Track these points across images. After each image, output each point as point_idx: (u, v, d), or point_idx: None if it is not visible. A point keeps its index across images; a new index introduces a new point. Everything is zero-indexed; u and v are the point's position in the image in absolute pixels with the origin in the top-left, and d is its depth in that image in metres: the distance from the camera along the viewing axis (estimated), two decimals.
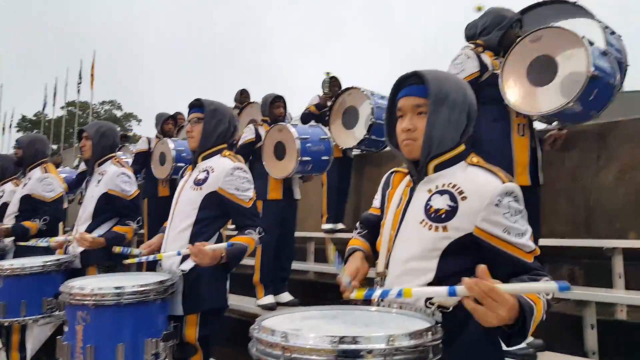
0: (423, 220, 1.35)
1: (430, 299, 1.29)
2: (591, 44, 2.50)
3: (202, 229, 2.20)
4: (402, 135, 1.40)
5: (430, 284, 1.30)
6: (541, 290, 1.14)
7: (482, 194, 1.28)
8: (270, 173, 3.85)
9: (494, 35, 2.83)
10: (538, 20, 2.96)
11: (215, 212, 2.23)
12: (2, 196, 4.04)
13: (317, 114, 5.02)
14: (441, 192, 1.35)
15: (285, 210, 3.98)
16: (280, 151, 3.82)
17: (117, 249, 2.34)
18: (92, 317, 1.84)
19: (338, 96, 4.85)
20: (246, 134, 4.12)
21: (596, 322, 2.88)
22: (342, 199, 5.00)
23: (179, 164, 4.77)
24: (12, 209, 3.57)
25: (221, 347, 3.07)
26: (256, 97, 6.07)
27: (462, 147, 1.41)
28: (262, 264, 3.92)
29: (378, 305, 1.42)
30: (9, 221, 3.55)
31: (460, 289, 1.08)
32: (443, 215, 1.32)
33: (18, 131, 35.13)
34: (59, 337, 1.94)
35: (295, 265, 4.34)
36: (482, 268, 1.08)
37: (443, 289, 1.12)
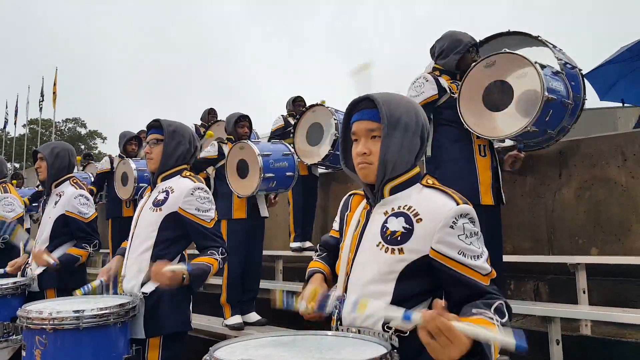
0: (380, 242, 1.35)
1: (388, 323, 1.28)
2: (542, 67, 2.61)
3: (162, 251, 2.16)
4: (357, 158, 1.40)
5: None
6: (498, 342, 1.06)
7: (437, 216, 1.28)
8: (234, 191, 3.83)
9: (450, 59, 2.93)
10: (502, 48, 3.08)
11: (176, 233, 2.20)
12: None
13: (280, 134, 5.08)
14: (397, 215, 1.35)
15: (250, 229, 3.95)
16: (243, 169, 3.81)
17: (78, 292, 2.24)
18: (50, 342, 1.81)
19: (303, 113, 4.92)
20: (209, 149, 4.06)
21: (561, 338, 2.91)
22: (309, 217, 5.01)
23: (141, 184, 4.72)
24: None
25: None
26: (223, 115, 6.10)
27: (416, 170, 1.42)
28: (228, 284, 3.88)
29: (336, 329, 1.41)
30: None
31: (415, 316, 1.08)
32: (399, 238, 1.32)
33: None
34: None
35: (264, 284, 4.32)
36: (439, 303, 1.07)
37: (398, 312, 1.12)
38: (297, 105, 5.31)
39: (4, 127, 29.21)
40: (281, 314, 4.28)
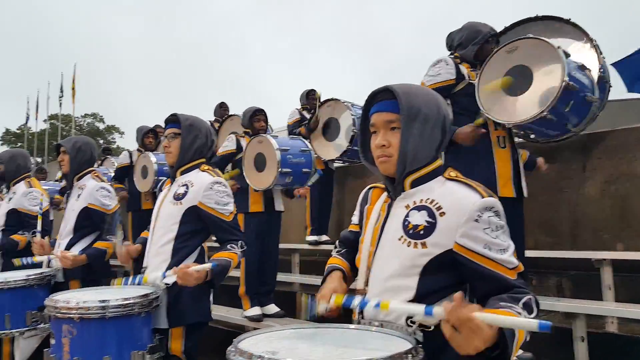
0: (402, 236, 1.34)
1: (411, 317, 1.28)
2: (567, 55, 2.54)
3: (183, 244, 2.22)
4: (376, 151, 1.39)
5: (410, 302, 1.28)
6: (521, 326, 1.07)
7: (461, 209, 1.26)
8: (251, 184, 3.86)
9: (469, 50, 2.89)
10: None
11: (196, 226, 2.24)
12: None
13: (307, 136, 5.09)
14: (419, 208, 1.33)
15: (267, 222, 3.98)
16: (260, 163, 3.83)
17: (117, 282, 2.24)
18: (77, 330, 1.86)
19: (319, 108, 4.93)
20: (227, 144, 4.11)
21: (586, 335, 2.87)
22: (325, 211, 5.04)
23: (161, 177, 4.79)
24: None
25: (208, 359, 3.09)
26: (235, 108, 6.15)
27: (438, 162, 1.40)
28: (246, 277, 3.93)
29: (358, 322, 1.40)
30: None
31: (437, 310, 1.06)
32: (421, 232, 1.30)
33: (2, 144, 34.64)
34: (45, 349, 1.95)
35: (281, 277, 4.37)
36: (457, 296, 1.05)
37: (420, 308, 1.10)
38: (311, 99, 5.32)
39: (26, 122, 29.86)
40: (299, 306, 4.34)
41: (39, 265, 3.04)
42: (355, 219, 1.64)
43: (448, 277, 1.31)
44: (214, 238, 2.36)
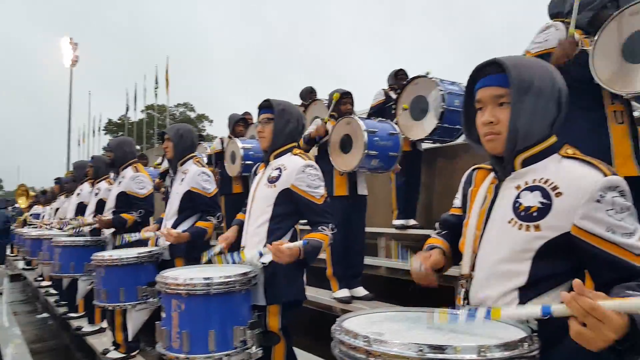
0: (512, 219, 1.26)
1: (524, 304, 1.21)
2: None
3: (277, 225, 2.29)
4: (483, 128, 1.32)
5: (522, 288, 1.23)
6: None
7: (581, 189, 1.16)
8: (336, 167, 3.86)
9: (582, 16, 2.56)
10: None
11: (289, 208, 2.30)
12: (98, 194, 4.47)
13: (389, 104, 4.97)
14: (531, 189, 1.25)
15: (351, 206, 3.97)
16: (346, 144, 3.81)
17: (203, 259, 2.48)
18: (185, 305, 1.99)
19: (404, 87, 4.79)
20: (312, 127, 4.12)
21: None
22: (412, 195, 4.92)
23: (247, 162, 5.00)
24: (110, 204, 3.97)
25: (298, 337, 3.19)
26: (321, 93, 6.17)
27: (553, 139, 1.30)
28: (333, 259, 3.98)
29: (464, 307, 1.34)
30: (107, 216, 3.92)
31: (556, 308, 0.98)
32: (535, 214, 1.22)
33: (105, 134, 37.96)
34: (157, 322, 2.11)
35: (366, 260, 4.37)
36: (578, 283, 0.96)
37: (536, 310, 1.02)
38: (399, 79, 5.18)
39: (126, 113, 32.37)
40: (386, 290, 4.32)
41: (145, 242, 3.32)
42: (457, 201, 1.58)
43: (564, 262, 1.22)
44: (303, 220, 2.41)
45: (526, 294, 1.23)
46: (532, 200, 1.24)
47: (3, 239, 8.69)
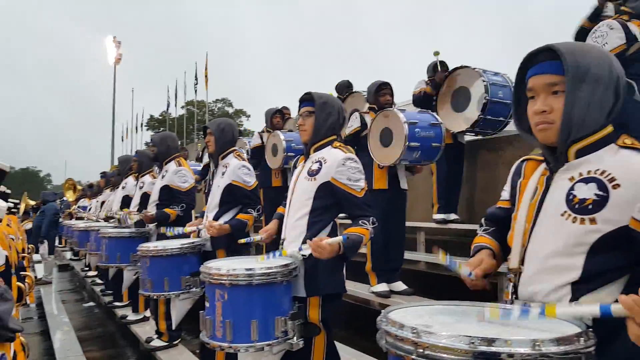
0: (565, 212, 1.22)
1: (577, 299, 1.17)
2: None
3: (317, 218, 2.28)
4: (535, 118, 1.27)
5: (575, 283, 1.18)
6: None
7: None
8: (376, 160, 3.81)
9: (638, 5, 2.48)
10: None
11: (329, 201, 2.29)
12: (142, 187, 4.60)
13: (433, 95, 4.86)
14: (586, 180, 1.21)
15: (391, 199, 3.92)
16: (386, 138, 3.75)
17: (242, 240, 2.55)
18: (228, 295, 2.02)
19: (445, 78, 4.67)
20: (352, 123, 4.09)
21: None
22: (454, 189, 4.81)
23: (289, 154, 5.02)
24: (153, 198, 4.08)
25: (337, 330, 3.19)
26: (358, 85, 6.11)
27: (609, 128, 1.25)
28: (372, 253, 3.95)
29: (512, 302, 1.31)
30: (151, 209, 4.07)
31: (616, 309, 0.95)
32: (590, 206, 1.17)
33: (147, 129, 39.16)
34: (201, 311, 2.15)
35: (406, 255, 4.32)
36: None
37: (594, 309, 0.99)
38: (441, 71, 5.06)
39: (167, 109, 33.28)
40: (426, 285, 4.26)
41: (187, 235, 3.39)
42: (505, 194, 1.53)
43: (620, 257, 1.16)
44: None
45: (579, 289, 1.18)
46: (587, 192, 1.19)
47: (52, 231, 9.09)
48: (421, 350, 1.02)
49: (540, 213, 1.30)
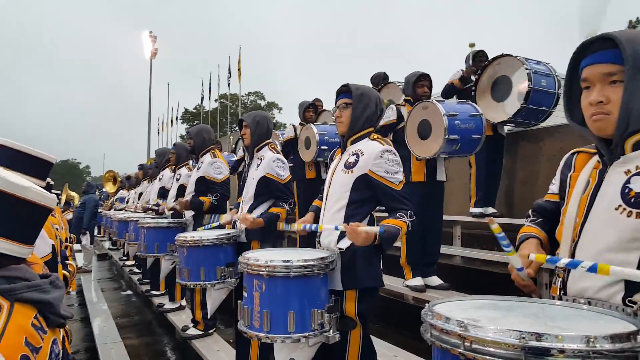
0: (620, 206, 1.18)
1: (631, 296, 1.12)
2: None
3: (354, 211, 2.25)
4: (590, 109, 1.23)
5: (629, 280, 1.12)
6: None
7: None
8: (414, 153, 3.75)
9: None
10: None
11: (366, 194, 2.26)
12: (179, 179, 4.69)
13: (461, 90, 4.76)
14: None
15: (429, 192, 3.86)
16: (424, 130, 3.68)
17: (280, 226, 2.54)
18: (266, 286, 2.02)
19: (485, 67, 4.53)
20: (388, 115, 4.03)
21: None
22: (493, 181, 4.68)
23: (322, 147, 5.00)
24: (190, 189, 4.16)
25: (370, 324, 3.16)
26: (393, 77, 6.02)
27: None
28: (407, 246, 3.90)
29: (560, 298, 1.27)
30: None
31: None
32: None
33: (182, 123, 39.91)
34: (239, 300, 2.16)
35: (442, 249, 4.25)
36: None
37: None
38: (478, 61, 4.92)
39: (201, 102, 33.75)
40: (461, 280, 4.17)
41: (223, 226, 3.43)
42: (554, 187, 1.48)
43: None
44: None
45: (634, 286, 1.12)
46: None
47: (92, 221, 9.41)
48: (468, 344, 0.99)
49: (593, 207, 1.26)
